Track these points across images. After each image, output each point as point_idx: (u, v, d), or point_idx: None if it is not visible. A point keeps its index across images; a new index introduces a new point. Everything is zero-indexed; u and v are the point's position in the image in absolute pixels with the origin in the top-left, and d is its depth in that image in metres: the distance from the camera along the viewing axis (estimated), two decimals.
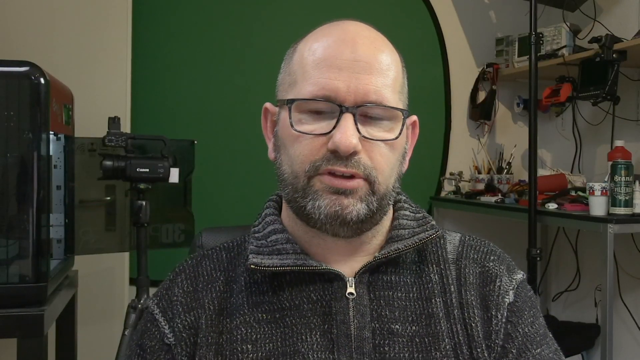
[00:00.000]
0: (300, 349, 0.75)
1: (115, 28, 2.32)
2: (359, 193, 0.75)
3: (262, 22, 2.78)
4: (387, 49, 0.80)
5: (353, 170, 0.74)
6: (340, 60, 0.75)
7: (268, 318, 0.78)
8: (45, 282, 1.47)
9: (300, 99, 0.76)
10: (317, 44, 0.78)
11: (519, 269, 0.87)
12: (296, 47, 0.82)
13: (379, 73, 0.76)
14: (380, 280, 0.80)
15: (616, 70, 2.36)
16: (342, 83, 0.74)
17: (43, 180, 1.47)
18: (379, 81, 0.75)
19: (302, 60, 0.78)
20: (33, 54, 1.86)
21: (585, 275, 2.87)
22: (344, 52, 0.75)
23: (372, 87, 0.75)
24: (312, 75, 0.76)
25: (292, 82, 0.79)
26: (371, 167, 0.75)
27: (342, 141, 0.72)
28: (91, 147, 2.01)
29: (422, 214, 0.86)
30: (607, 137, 2.71)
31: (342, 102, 0.74)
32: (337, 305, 0.77)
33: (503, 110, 3.16)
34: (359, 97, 0.74)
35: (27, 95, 1.45)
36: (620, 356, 2.65)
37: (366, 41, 0.77)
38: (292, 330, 0.77)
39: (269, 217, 0.85)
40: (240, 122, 2.72)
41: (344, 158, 0.73)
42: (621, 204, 2.12)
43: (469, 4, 3.10)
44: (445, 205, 3.02)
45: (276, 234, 0.82)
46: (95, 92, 2.25)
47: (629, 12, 2.65)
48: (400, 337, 0.77)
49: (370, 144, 0.75)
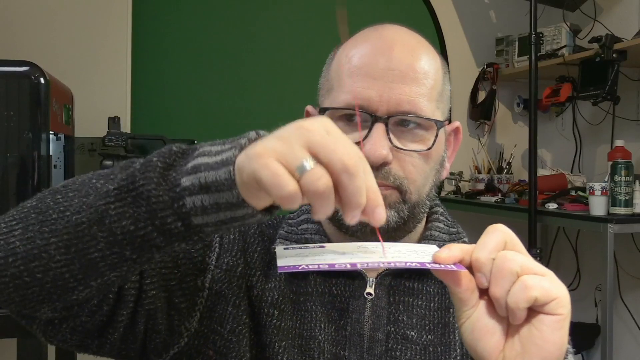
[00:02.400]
0: (317, 336, 0.76)
1: (115, 28, 2.32)
2: (388, 200, 0.74)
3: (263, 22, 2.78)
4: (426, 56, 0.78)
5: (384, 181, 0.73)
6: (374, 69, 0.74)
7: (294, 298, 0.78)
8: None
9: (332, 108, 0.76)
10: (354, 50, 0.77)
11: None
12: (336, 52, 0.82)
13: (414, 82, 0.75)
14: (402, 286, 0.79)
15: (616, 70, 2.36)
16: (374, 92, 0.73)
17: (43, 180, 1.47)
18: (414, 90, 0.74)
19: (338, 67, 0.78)
20: (33, 54, 1.86)
21: (585, 275, 2.87)
22: (379, 60, 0.75)
23: (405, 97, 0.74)
24: (346, 83, 0.75)
25: (329, 88, 0.79)
26: (402, 177, 0.75)
27: (372, 152, 0.71)
28: (91, 147, 2.01)
29: (456, 228, 0.85)
30: (607, 137, 2.71)
31: (374, 111, 0.73)
32: (355, 303, 0.77)
33: (503, 110, 3.16)
34: (392, 106, 0.73)
35: (27, 95, 1.45)
36: (620, 356, 2.65)
37: (403, 49, 0.76)
38: (311, 316, 0.77)
39: (305, 205, 0.85)
40: (241, 122, 2.72)
41: (374, 168, 0.72)
42: (621, 203, 2.12)
43: (469, 4, 3.10)
44: (445, 205, 2.97)
45: (307, 224, 0.82)
46: (95, 92, 2.26)
47: (629, 12, 2.65)
48: (414, 344, 0.76)
49: (402, 154, 0.75)
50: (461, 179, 3.00)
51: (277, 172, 0.49)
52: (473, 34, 3.11)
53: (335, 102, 0.76)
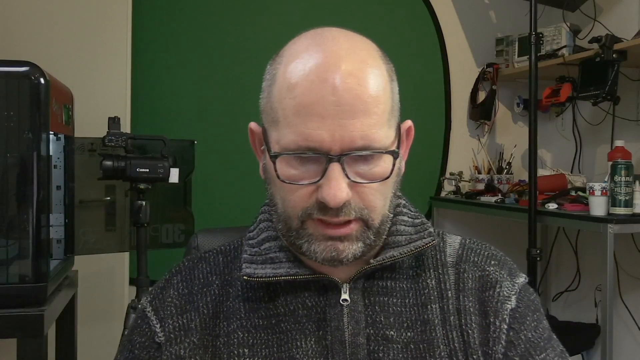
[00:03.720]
0: (295, 355, 0.76)
1: (115, 28, 2.32)
2: (354, 235, 0.74)
3: (263, 21, 2.78)
4: (373, 75, 0.73)
5: (346, 217, 0.72)
6: (322, 107, 0.70)
7: (264, 324, 0.78)
8: (45, 282, 1.47)
9: (284, 153, 0.72)
10: (295, 79, 0.72)
11: (521, 272, 0.86)
12: (276, 71, 0.76)
13: (364, 114, 0.71)
14: (375, 286, 0.79)
15: (616, 70, 2.36)
16: (326, 133, 0.70)
17: (43, 180, 1.47)
18: (365, 123, 0.71)
19: (281, 100, 0.73)
20: (33, 54, 1.85)
21: (585, 275, 2.87)
22: (325, 97, 0.70)
23: (358, 133, 0.70)
24: (294, 122, 0.71)
25: (274, 119, 0.74)
26: (363, 208, 0.73)
27: (331, 197, 0.70)
28: (91, 147, 2.01)
29: (420, 219, 0.84)
30: (607, 137, 2.71)
31: (327, 151, 0.70)
32: (332, 311, 0.77)
33: (503, 110, 3.16)
34: (345, 144, 0.70)
35: (27, 95, 1.45)
36: (620, 356, 2.65)
37: (348, 76, 0.70)
38: (287, 336, 0.77)
39: (263, 223, 0.85)
40: (241, 122, 2.69)
41: (335, 209, 0.71)
42: (621, 204, 2.12)
43: (469, 4, 3.10)
44: (445, 205, 3.02)
45: (269, 242, 0.81)
46: (95, 92, 2.25)
47: (629, 12, 2.65)
48: (395, 343, 0.77)
49: (360, 187, 0.73)
50: (461, 179, 3.00)
51: None
52: (473, 34, 3.11)
53: (284, 141, 0.72)
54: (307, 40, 0.75)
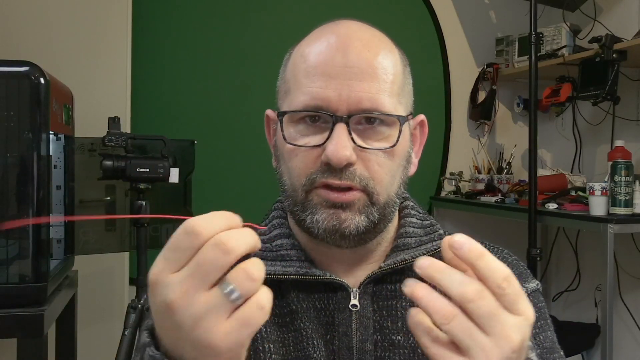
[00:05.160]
0: (313, 355, 0.75)
1: (115, 28, 2.32)
2: (356, 205, 0.72)
3: (262, 21, 2.78)
4: (384, 49, 0.75)
5: (348, 182, 0.71)
6: (331, 67, 0.71)
7: (280, 321, 0.77)
8: (45, 282, 1.47)
9: (291, 111, 0.73)
10: (308, 49, 0.75)
11: (533, 277, 0.84)
12: (291, 52, 0.79)
13: (373, 78, 0.72)
14: (384, 290, 0.78)
15: (616, 70, 2.36)
16: (333, 92, 0.71)
17: (43, 180, 1.47)
18: (373, 87, 0.71)
19: (294, 68, 0.75)
20: (33, 54, 1.86)
21: (585, 275, 2.87)
22: (335, 58, 0.72)
23: (366, 94, 0.71)
24: (303, 84, 0.73)
25: (286, 90, 0.76)
26: (368, 178, 0.72)
27: (334, 153, 0.69)
28: (91, 147, 2.01)
29: (429, 221, 0.83)
30: (607, 137, 2.71)
31: (334, 111, 0.71)
32: (340, 316, 0.76)
33: (503, 110, 3.16)
34: (352, 105, 0.71)
35: (27, 95, 1.45)
36: (620, 356, 2.65)
37: (359, 44, 0.73)
38: (301, 335, 0.76)
39: (275, 219, 0.83)
40: (240, 122, 2.72)
41: (339, 170, 0.70)
42: (621, 204, 2.12)
43: (469, 4, 3.10)
44: (445, 205, 3.02)
45: (282, 239, 0.80)
46: (95, 92, 2.25)
47: (629, 12, 2.65)
48: (402, 348, 0.76)
49: (366, 153, 0.72)
50: (461, 179, 3.00)
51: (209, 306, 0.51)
52: (473, 34, 3.11)
53: (293, 105, 0.73)
54: (323, 26, 0.79)
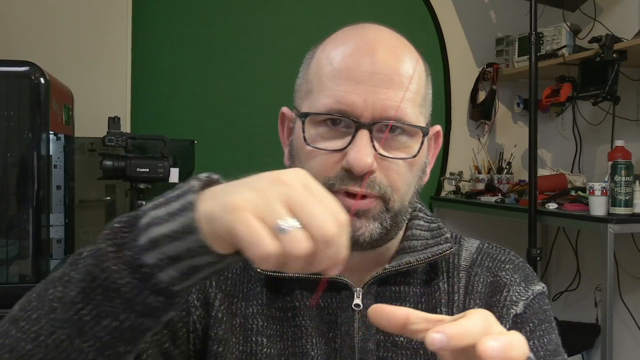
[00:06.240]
0: (310, 352, 0.75)
1: (115, 28, 2.32)
2: (372, 212, 0.72)
3: (263, 22, 2.78)
4: (411, 58, 0.74)
5: (368, 190, 0.70)
6: (358, 72, 0.70)
7: (281, 315, 0.77)
8: None
9: (314, 113, 0.72)
10: (335, 51, 0.73)
11: (539, 280, 0.83)
12: (314, 52, 0.78)
13: (400, 86, 0.71)
14: (388, 291, 0.78)
15: (616, 70, 2.36)
16: (359, 97, 0.69)
17: (43, 180, 1.47)
18: (399, 95, 0.70)
19: (319, 69, 0.74)
20: (33, 54, 1.86)
21: (585, 275, 2.87)
22: (362, 63, 0.71)
23: (391, 103, 0.70)
24: (328, 86, 0.71)
25: (309, 90, 0.75)
26: (387, 186, 0.71)
27: (357, 161, 0.68)
28: (91, 147, 2.01)
29: (437, 224, 0.83)
30: (607, 137, 2.71)
31: (358, 117, 0.70)
32: (343, 315, 0.76)
33: (503, 110, 3.16)
34: (377, 112, 0.70)
35: (27, 95, 1.45)
36: (620, 356, 2.65)
37: (387, 50, 0.72)
38: (301, 331, 0.76)
39: None
40: (240, 121, 2.72)
41: (359, 177, 0.69)
42: (621, 203, 2.12)
43: (469, 4, 3.10)
44: (445, 205, 3.02)
45: None
46: (95, 92, 2.26)
47: (629, 12, 2.65)
48: (404, 349, 0.75)
49: (387, 162, 0.71)
50: (461, 179, 3.00)
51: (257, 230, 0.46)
52: (473, 34, 3.11)
53: (315, 106, 0.72)
54: (349, 28, 0.77)
